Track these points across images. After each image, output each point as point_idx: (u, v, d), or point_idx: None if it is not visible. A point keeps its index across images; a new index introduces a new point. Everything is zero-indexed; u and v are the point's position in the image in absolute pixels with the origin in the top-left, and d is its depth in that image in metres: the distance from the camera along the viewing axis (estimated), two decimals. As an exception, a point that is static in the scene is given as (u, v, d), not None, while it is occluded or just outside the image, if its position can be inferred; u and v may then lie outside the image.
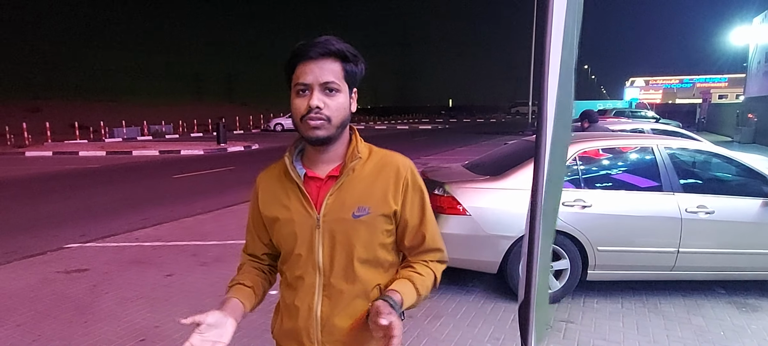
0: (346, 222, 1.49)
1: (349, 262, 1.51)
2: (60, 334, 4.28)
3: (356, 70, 1.49)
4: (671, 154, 4.98)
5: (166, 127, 36.48)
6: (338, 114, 1.45)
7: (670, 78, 76.94)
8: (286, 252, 1.58)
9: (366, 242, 1.51)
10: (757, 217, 4.72)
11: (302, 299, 1.56)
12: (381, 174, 1.53)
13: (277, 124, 39.66)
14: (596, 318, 4.55)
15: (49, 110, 42.89)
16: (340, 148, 1.54)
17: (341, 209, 1.49)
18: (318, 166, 1.54)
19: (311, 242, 1.52)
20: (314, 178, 1.53)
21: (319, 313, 1.54)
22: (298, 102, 1.44)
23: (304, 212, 1.52)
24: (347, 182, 1.50)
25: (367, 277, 1.54)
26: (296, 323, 1.58)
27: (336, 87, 1.43)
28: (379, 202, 1.51)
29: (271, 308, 1.77)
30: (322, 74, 1.42)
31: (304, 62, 1.43)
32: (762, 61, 27.71)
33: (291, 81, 1.47)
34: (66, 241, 7.15)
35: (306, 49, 1.43)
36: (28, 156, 20.87)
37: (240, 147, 23.99)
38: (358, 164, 1.52)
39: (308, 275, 1.54)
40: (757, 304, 4.83)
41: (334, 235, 1.50)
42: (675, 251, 4.68)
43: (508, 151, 6.08)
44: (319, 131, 1.43)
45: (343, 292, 1.53)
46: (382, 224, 1.53)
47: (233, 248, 6.74)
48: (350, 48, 1.46)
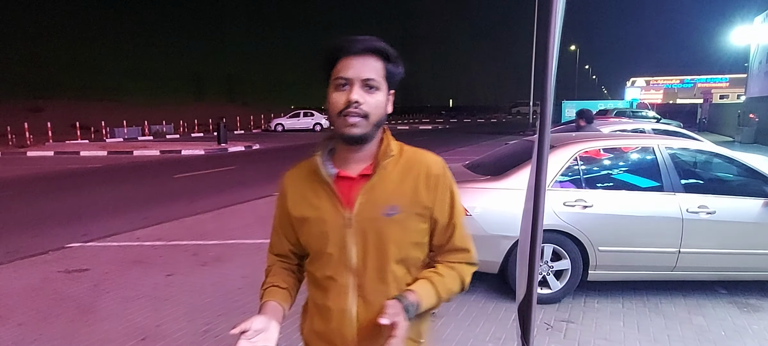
0: (378, 221, 1.47)
1: (382, 262, 1.49)
2: (61, 333, 4.28)
3: (396, 72, 1.48)
4: (672, 154, 4.98)
5: (167, 127, 36.51)
6: (376, 112, 1.44)
7: (671, 78, 76.91)
8: (315, 252, 1.56)
9: (398, 240, 1.49)
10: (759, 217, 4.72)
11: (334, 300, 1.54)
12: (412, 172, 1.51)
13: (278, 125, 39.63)
14: (597, 318, 4.55)
15: (51, 110, 42.94)
16: (373, 148, 1.52)
17: (373, 207, 1.47)
18: (349, 165, 1.52)
19: (343, 242, 1.49)
20: (345, 177, 1.51)
21: (354, 314, 1.52)
22: (337, 96, 1.43)
23: (335, 211, 1.49)
24: (379, 181, 1.48)
25: (401, 276, 1.52)
26: (329, 325, 1.56)
27: (376, 85, 1.42)
28: (411, 200, 1.49)
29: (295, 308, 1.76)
30: (364, 70, 1.41)
31: (346, 57, 1.42)
32: (763, 61, 27.71)
33: (330, 76, 1.45)
34: (67, 240, 7.15)
35: (350, 43, 1.42)
36: (29, 156, 20.89)
37: (241, 147, 24.00)
38: (390, 162, 1.50)
39: (340, 276, 1.52)
40: (758, 304, 4.83)
41: (367, 234, 1.48)
42: (676, 252, 4.67)
43: (508, 152, 6.08)
44: (355, 129, 1.41)
45: (378, 292, 1.50)
46: (415, 223, 1.51)
47: (234, 248, 6.74)
48: (392, 49, 1.45)
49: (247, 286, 5.33)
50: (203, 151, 22.02)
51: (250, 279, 5.53)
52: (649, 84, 76.66)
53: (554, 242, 4.70)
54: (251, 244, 6.94)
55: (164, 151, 22.39)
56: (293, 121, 39.92)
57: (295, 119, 40.15)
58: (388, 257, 1.49)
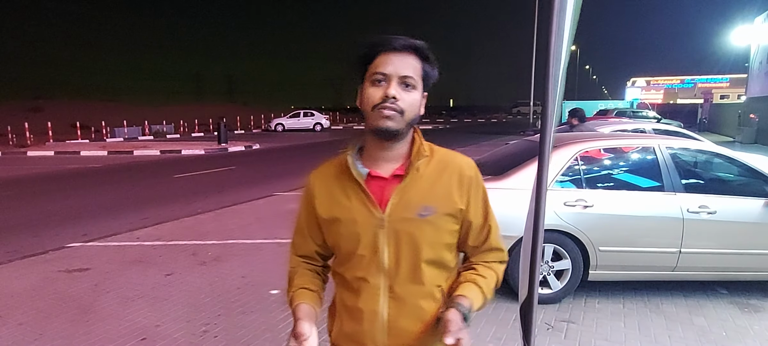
0: (411, 222, 1.46)
1: (415, 263, 1.48)
2: (62, 333, 4.28)
3: (432, 73, 1.47)
4: (673, 154, 4.97)
5: (167, 127, 36.52)
6: (411, 110, 1.42)
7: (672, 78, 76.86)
8: (346, 253, 1.53)
9: (432, 242, 1.48)
10: (760, 217, 4.71)
11: (366, 302, 1.51)
12: (445, 173, 1.50)
13: (278, 124, 39.64)
14: (598, 318, 4.55)
15: (51, 110, 42.96)
16: (404, 148, 1.50)
17: (406, 208, 1.46)
18: (380, 165, 1.50)
19: (375, 243, 1.48)
20: (377, 177, 1.49)
21: (385, 316, 1.50)
22: (373, 91, 1.41)
23: (367, 212, 1.47)
24: (412, 181, 1.47)
25: (432, 277, 1.51)
26: (360, 327, 1.53)
27: (413, 83, 1.42)
28: (444, 201, 1.48)
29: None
30: (402, 67, 1.40)
31: (386, 52, 1.41)
32: (764, 62, 27.66)
33: (366, 71, 1.44)
34: (67, 240, 7.15)
35: (389, 40, 1.41)
36: (30, 156, 20.90)
37: (241, 147, 24.00)
38: (423, 163, 1.49)
39: (372, 277, 1.50)
40: (759, 304, 4.82)
41: (400, 235, 1.46)
42: (677, 251, 4.67)
43: (509, 152, 6.08)
44: (390, 122, 1.39)
45: (409, 294, 1.49)
46: (448, 224, 1.50)
47: (233, 248, 6.74)
48: (430, 51, 1.45)
49: (246, 286, 5.33)
50: (203, 151, 22.02)
51: (249, 279, 5.52)
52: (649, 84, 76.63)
53: (555, 242, 4.70)
54: (250, 244, 6.93)
55: (164, 151, 22.39)
56: (293, 121, 39.93)
57: (296, 119, 40.17)
58: (420, 258, 1.48)
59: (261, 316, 4.61)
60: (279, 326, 4.39)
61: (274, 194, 10.70)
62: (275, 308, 4.78)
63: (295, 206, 7.09)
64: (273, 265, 6.00)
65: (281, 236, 7.29)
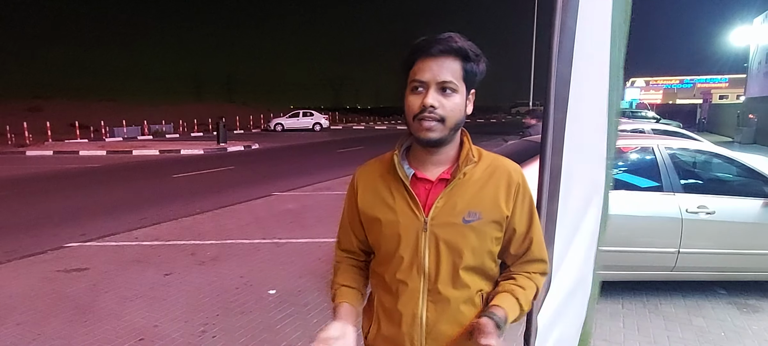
0: (455, 227, 1.44)
1: (456, 268, 1.46)
2: (60, 333, 4.27)
3: (477, 70, 1.43)
4: (672, 154, 4.97)
5: (167, 127, 36.50)
6: (453, 116, 1.39)
7: (671, 78, 76.78)
8: (386, 253, 1.52)
9: (475, 248, 1.46)
10: (758, 217, 4.71)
11: (405, 304, 1.50)
12: (492, 179, 1.48)
13: (278, 124, 39.62)
14: (597, 319, 4.54)
15: (50, 110, 42.86)
16: (451, 151, 1.48)
17: (451, 213, 1.44)
18: (427, 167, 1.48)
19: (416, 246, 1.46)
20: (423, 179, 1.47)
21: (424, 319, 1.48)
22: (412, 99, 1.40)
23: (411, 213, 1.46)
24: (458, 186, 1.45)
25: (473, 284, 1.49)
26: (399, 329, 1.52)
27: (453, 87, 1.38)
28: (491, 207, 1.46)
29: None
30: (440, 72, 1.36)
31: (423, 59, 1.38)
32: (763, 62, 27.71)
33: (408, 77, 1.42)
34: (66, 240, 7.14)
35: (427, 45, 1.38)
36: (28, 155, 20.86)
37: (240, 147, 23.97)
38: (470, 168, 1.47)
39: (412, 280, 1.48)
40: (758, 305, 4.81)
41: (442, 239, 1.44)
42: (675, 252, 4.66)
43: (508, 152, 6.07)
44: (431, 133, 1.38)
45: (450, 298, 1.47)
46: (492, 231, 1.48)
47: (231, 248, 6.73)
48: (473, 46, 1.41)
49: (245, 286, 5.32)
50: (202, 151, 22.00)
51: (248, 279, 5.52)
52: (648, 84, 76.57)
53: None
54: (249, 244, 6.92)
55: (163, 150, 22.36)
56: (293, 121, 39.91)
57: (295, 119, 40.16)
58: (462, 264, 1.46)
59: (259, 316, 4.61)
60: (277, 326, 4.39)
61: (272, 194, 10.69)
62: (273, 308, 4.77)
63: (293, 207, 7.10)
64: (271, 265, 6.00)
65: (280, 236, 7.28)
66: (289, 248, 6.73)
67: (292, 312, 4.67)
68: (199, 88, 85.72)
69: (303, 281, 5.41)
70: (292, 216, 8.63)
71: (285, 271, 5.77)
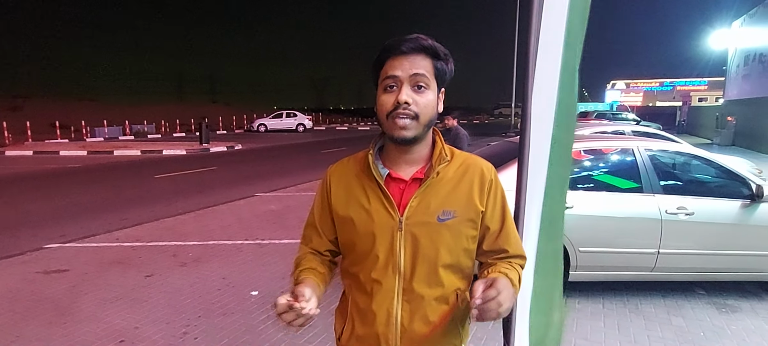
0: (430, 226, 1.44)
1: (432, 267, 1.46)
2: (39, 335, 4.21)
3: (446, 69, 1.45)
4: (652, 156, 5.03)
5: (149, 127, 36.16)
6: (426, 112, 1.40)
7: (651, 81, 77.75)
8: (360, 253, 1.51)
9: (450, 246, 1.47)
10: (736, 218, 4.78)
11: (380, 304, 1.49)
12: (465, 177, 1.49)
13: (261, 125, 39.45)
14: (578, 318, 4.58)
15: (30, 109, 42.23)
16: (424, 150, 1.49)
17: (426, 212, 1.44)
18: (400, 166, 1.49)
19: (392, 245, 1.46)
20: (397, 179, 1.48)
21: (399, 319, 1.48)
22: (385, 98, 1.40)
23: (386, 213, 1.46)
24: (432, 185, 1.46)
25: (448, 282, 1.49)
26: (373, 329, 1.51)
27: (425, 83, 1.39)
28: (465, 205, 1.47)
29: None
30: (412, 67, 1.38)
31: (394, 57, 1.39)
32: (741, 65, 28.11)
33: (378, 77, 1.43)
34: (46, 241, 7.05)
35: (397, 44, 1.39)
36: (8, 155, 20.53)
37: (223, 147, 23.84)
38: (443, 167, 1.48)
39: (387, 279, 1.48)
40: (736, 305, 4.89)
41: (417, 238, 1.45)
42: (655, 252, 4.72)
43: (490, 153, 6.10)
44: (406, 131, 1.39)
45: (424, 297, 1.47)
46: (467, 229, 1.49)
47: (214, 249, 6.69)
48: (441, 46, 1.43)
49: (227, 287, 5.29)
50: (185, 152, 21.84)
51: (230, 280, 5.49)
52: (628, 87, 77.45)
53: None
54: (231, 245, 6.89)
55: (145, 151, 22.15)
56: (276, 122, 39.77)
57: (278, 120, 40.02)
58: (438, 262, 1.47)
59: (242, 317, 4.58)
60: (259, 327, 4.37)
61: (255, 195, 10.64)
62: (256, 309, 4.75)
63: (276, 207, 7.06)
64: (254, 266, 5.97)
65: (262, 237, 7.25)
66: (272, 248, 6.71)
67: (274, 313, 4.64)
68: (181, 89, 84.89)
69: (285, 282, 5.39)
70: (274, 217, 8.59)
71: (268, 272, 5.75)
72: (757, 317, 4.63)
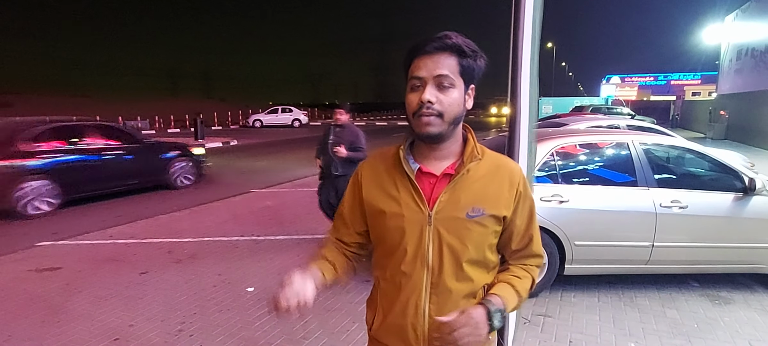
0: (458, 221, 1.47)
1: (459, 261, 1.49)
2: (32, 334, 4.19)
3: (474, 66, 1.47)
4: (646, 150, 5.04)
5: (142, 123, 36.00)
6: (451, 110, 1.43)
7: (645, 75, 77.89)
8: (389, 246, 1.55)
9: (477, 242, 1.50)
10: (729, 211, 4.80)
11: (408, 296, 1.53)
12: (496, 176, 1.52)
13: (256, 120, 39.33)
14: (573, 312, 4.59)
15: (21, 105, 42.08)
16: (454, 146, 1.52)
17: (455, 207, 1.47)
18: (430, 162, 1.52)
19: (420, 239, 1.49)
20: (427, 174, 1.51)
21: (427, 311, 1.52)
22: (411, 97, 1.44)
23: (416, 207, 1.49)
24: (462, 181, 1.48)
25: (476, 277, 1.53)
26: (402, 320, 1.55)
27: (450, 82, 1.42)
28: (493, 204, 1.50)
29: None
30: (436, 68, 1.41)
31: (419, 57, 1.43)
32: (733, 59, 28.17)
33: (407, 77, 1.46)
34: (38, 239, 7.00)
35: (423, 43, 1.43)
36: (-1, 153, 20.37)
37: (218, 143, 23.76)
38: (475, 165, 1.50)
39: (416, 272, 1.51)
40: (729, 297, 4.91)
41: (445, 233, 1.48)
42: (650, 245, 4.73)
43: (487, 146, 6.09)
44: (430, 128, 1.42)
45: (452, 291, 1.51)
46: (493, 226, 1.52)
47: (209, 245, 6.67)
48: (469, 43, 1.45)
49: (222, 283, 5.28)
50: (179, 148, 21.69)
51: (225, 276, 5.47)
52: (623, 81, 77.60)
53: None
54: (226, 241, 6.87)
55: (139, 147, 21.99)
56: (271, 117, 39.65)
57: (274, 115, 39.89)
58: (465, 257, 1.49)
59: (237, 314, 4.57)
60: (255, 324, 4.36)
61: (251, 191, 10.62)
62: (251, 306, 4.74)
63: (272, 203, 7.03)
64: (249, 262, 5.95)
65: (258, 234, 7.23)
66: (268, 245, 6.69)
67: (272, 308, 4.63)
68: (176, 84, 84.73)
69: (281, 278, 5.37)
70: (270, 213, 8.57)
71: (263, 268, 5.73)
72: (750, 308, 4.66)
